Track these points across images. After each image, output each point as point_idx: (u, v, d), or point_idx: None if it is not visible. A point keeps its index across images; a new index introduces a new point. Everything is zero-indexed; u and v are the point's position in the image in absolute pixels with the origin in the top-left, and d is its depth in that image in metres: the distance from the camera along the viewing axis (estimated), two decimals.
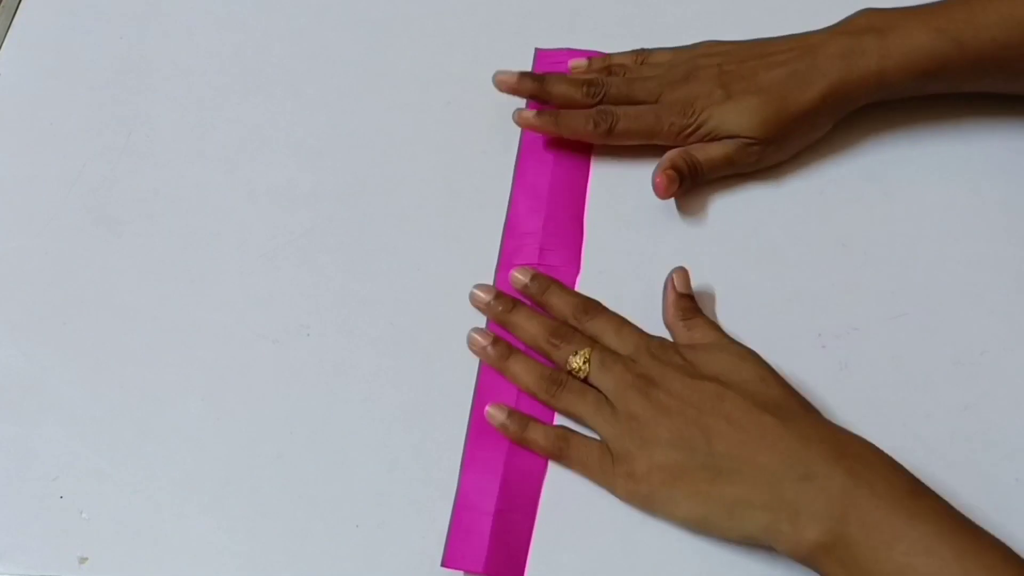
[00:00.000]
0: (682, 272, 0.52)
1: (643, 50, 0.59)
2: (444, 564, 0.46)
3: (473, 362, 0.51)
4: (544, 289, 0.53)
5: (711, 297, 0.53)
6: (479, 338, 0.51)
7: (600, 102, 0.56)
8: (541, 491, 0.48)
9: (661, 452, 0.46)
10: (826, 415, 0.47)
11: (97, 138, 0.60)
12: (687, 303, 0.51)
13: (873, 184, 0.56)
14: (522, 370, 0.50)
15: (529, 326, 0.51)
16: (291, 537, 0.47)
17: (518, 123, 0.56)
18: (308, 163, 0.58)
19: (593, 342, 0.50)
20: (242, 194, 0.57)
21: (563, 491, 0.48)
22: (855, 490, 0.42)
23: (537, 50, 0.61)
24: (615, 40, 0.62)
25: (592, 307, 0.52)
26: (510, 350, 0.51)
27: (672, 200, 0.55)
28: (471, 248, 0.55)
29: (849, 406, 0.49)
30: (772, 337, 0.50)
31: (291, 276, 0.54)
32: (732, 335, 0.50)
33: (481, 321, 0.52)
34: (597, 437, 0.49)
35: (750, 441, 0.44)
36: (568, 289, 0.53)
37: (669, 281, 0.52)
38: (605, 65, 0.59)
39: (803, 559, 0.43)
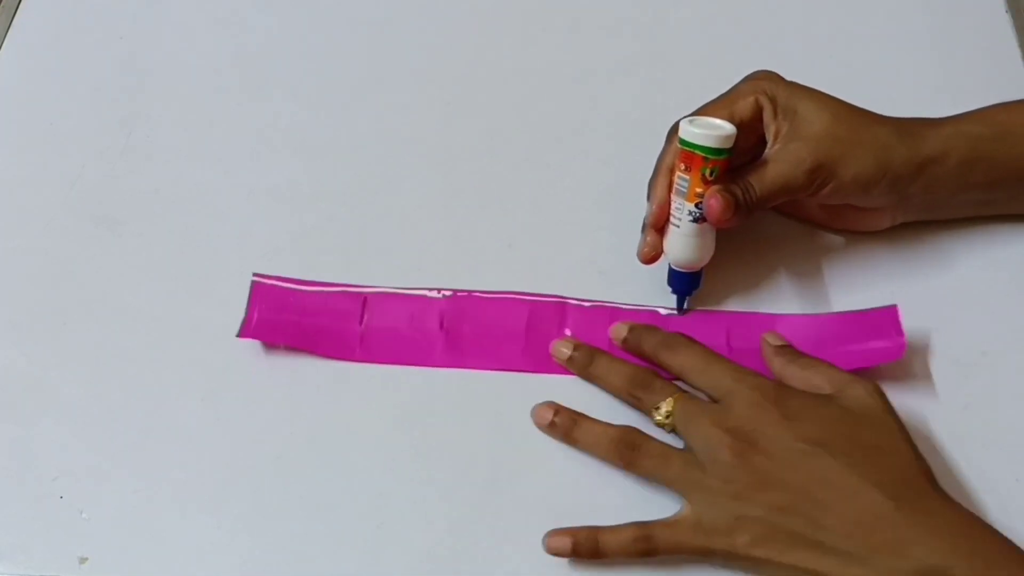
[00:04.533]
0: (772, 333, 0.49)
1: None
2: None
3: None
4: (625, 331, 0.49)
5: (711, 297, 0.53)
6: (543, 412, 0.48)
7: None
8: None
9: (762, 525, 0.42)
10: None
11: (97, 138, 0.60)
12: (789, 348, 0.48)
13: None
14: (591, 439, 0.47)
15: (610, 377, 0.48)
16: (291, 537, 0.47)
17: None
18: (308, 163, 0.58)
19: (677, 388, 0.47)
20: (242, 194, 0.57)
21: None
22: None
23: (254, 282, 0.53)
24: (615, 40, 0.62)
25: (675, 342, 0.48)
26: (574, 420, 0.47)
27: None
28: (471, 248, 0.55)
29: None
30: None
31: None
32: None
33: None
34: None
35: (864, 522, 0.41)
36: (651, 327, 0.49)
37: (763, 341, 0.48)
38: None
39: None
